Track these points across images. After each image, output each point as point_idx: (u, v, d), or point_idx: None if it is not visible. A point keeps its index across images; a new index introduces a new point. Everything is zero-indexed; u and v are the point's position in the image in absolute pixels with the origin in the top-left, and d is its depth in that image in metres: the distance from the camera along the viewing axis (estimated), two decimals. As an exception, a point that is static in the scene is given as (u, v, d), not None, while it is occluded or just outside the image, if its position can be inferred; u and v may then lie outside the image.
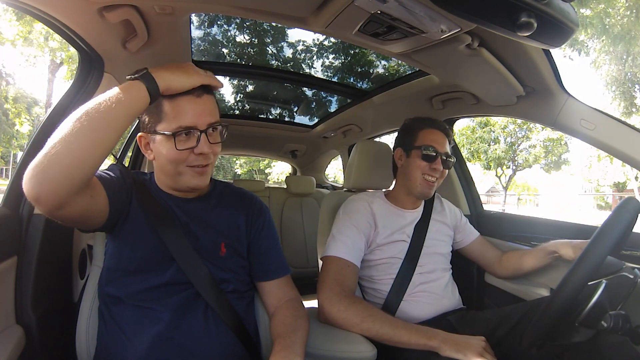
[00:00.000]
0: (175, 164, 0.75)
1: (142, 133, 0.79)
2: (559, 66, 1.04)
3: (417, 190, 1.16)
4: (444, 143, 1.16)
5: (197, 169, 0.77)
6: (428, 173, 1.13)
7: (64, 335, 0.85)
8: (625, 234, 0.73)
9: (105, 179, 0.74)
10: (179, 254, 0.76)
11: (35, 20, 1.05)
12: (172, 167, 0.76)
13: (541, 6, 0.68)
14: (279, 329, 0.78)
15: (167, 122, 0.73)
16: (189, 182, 0.78)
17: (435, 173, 1.14)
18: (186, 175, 0.77)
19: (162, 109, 0.74)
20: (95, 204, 0.69)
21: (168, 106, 0.73)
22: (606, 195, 19.05)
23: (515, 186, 22.19)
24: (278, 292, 0.89)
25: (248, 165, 20.83)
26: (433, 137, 1.16)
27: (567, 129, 1.12)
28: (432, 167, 1.13)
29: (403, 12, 0.81)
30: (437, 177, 1.15)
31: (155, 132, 0.75)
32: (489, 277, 1.38)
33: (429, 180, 1.14)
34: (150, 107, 0.72)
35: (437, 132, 1.17)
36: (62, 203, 0.59)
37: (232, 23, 1.64)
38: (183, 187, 0.80)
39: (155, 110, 0.75)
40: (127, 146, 2.25)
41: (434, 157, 1.13)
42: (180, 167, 0.76)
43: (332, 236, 1.08)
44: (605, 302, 0.68)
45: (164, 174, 0.80)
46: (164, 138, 0.74)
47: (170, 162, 0.75)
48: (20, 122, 10.85)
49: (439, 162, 1.13)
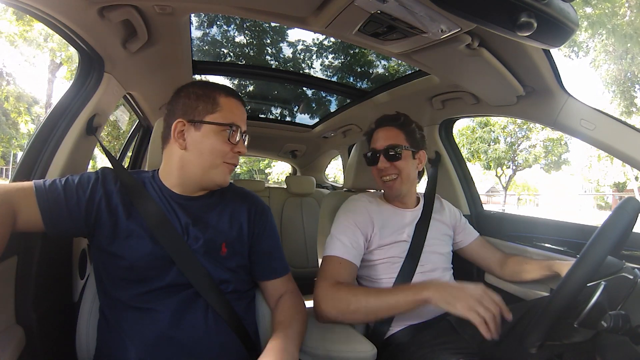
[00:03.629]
0: (215, 157, 0.78)
1: (183, 119, 0.78)
2: (559, 66, 1.04)
3: (386, 194, 1.16)
4: (388, 136, 1.13)
5: (229, 167, 0.81)
6: (381, 175, 1.14)
7: (64, 335, 0.85)
8: (625, 234, 0.73)
9: (45, 199, 0.70)
10: (178, 256, 0.75)
11: (34, 20, 1.05)
12: (210, 160, 0.78)
13: (541, 6, 0.68)
14: (278, 320, 0.80)
15: (221, 114, 0.78)
16: (219, 178, 0.81)
17: (384, 172, 1.12)
18: (219, 170, 0.80)
19: (218, 101, 0.79)
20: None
21: (225, 101, 0.79)
22: (606, 195, 19.04)
23: (515, 186, 22.20)
24: (279, 288, 0.90)
25: (248, 165, 20.83)
26: (374, 138, 1.16)
27: (567, 129, 1.12)
28: (378, 168, 1.12)
29: (403, 12, 0.81)
30: (391, 174, 1.12)
31: (203, 122, 0.77)
32: (489, 277, 1.38)
33: (385, 182, 1.13)
34: (202, 96, 0.78)
35: (380, 130, 1.16)
36: None
37: (232, 23, 1.64)
38: (209, 183, 0.82)
39: (209, 100, 0.78)
40: (127, 146, 2.25)
41: (375, 159, 1.13)
42: (218, 161, 0.79)
43: (331, 236, 1.08)
44: (604, 303, 0.68)
45: (191, 166, 0.79)
46: (213, 129, 0.77)
47: (211, 154, 0.78)
48: (25, 122, 10.87)
49: (383, 160, 1.12)
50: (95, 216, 0.74)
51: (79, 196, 0.73)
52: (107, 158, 0.95)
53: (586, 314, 0.67)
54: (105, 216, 0.75)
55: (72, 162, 0.95)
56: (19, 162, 0.91)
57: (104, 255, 0.76)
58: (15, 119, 11.63)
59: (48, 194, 0.71)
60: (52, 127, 0.94)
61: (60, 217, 0.71)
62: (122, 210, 0.76)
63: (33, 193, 0.70)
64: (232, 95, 0.83)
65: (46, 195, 0.71)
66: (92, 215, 0.74)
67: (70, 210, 0.72)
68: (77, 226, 0.73)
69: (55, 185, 0.73)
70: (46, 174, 0.89)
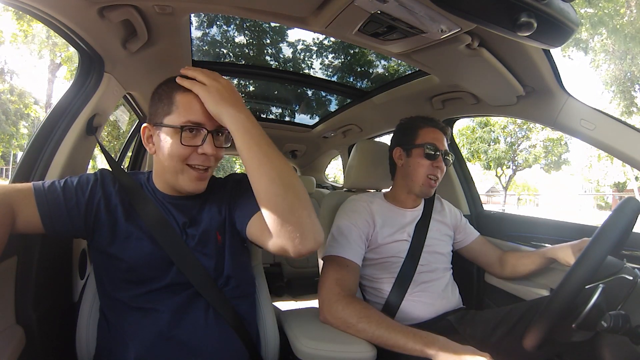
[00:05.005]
0: (177, 161, 0.73)
1: (147, 124, 0.77)
2: (559, 66, 1.04)
3: (419, 190, 1.17)
4: (443, 141, 1.17)
5: (196, 172, 0.75)
6: (431, 172, 1.14)
7: (64, 335, 0.85)
8: (625, 234, 0.73)
9: (44, 201, 0.70)
10: (177, 256, 0.75)
11: (34, 19, 1.04)
12: (173, 164, 0.74)
13: (541, 6, 0.68)
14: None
15: (177, 115, 0.72)
16: (187, 186, 0.76)
17: (438, 171, 1.15)
18: (185, 176, 0.75)
19: (174, 100, 0.73)
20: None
21: (181, 99, 0.73)
22: (606, 195, 19.05)
23: (515, 186, 22.22)
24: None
25: (248, 165, 20.78)
26: (434, 136, 1.16)
27: (567, 129, 1.12)
28: (435, 165, 1.14)
29: (403, 12, 0.81)
30: (438, 176, 1.16)
31: (161, 125, 0.74)
32: (489, 277, 1.38)
33: (431, 179, 1.15)
34: (162, 97, 0.73)
35: (437, 131, 1.18)
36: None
37: (232, 23, 1.63)
38: (180, 190, 0.79)
39: (166, 101, 0.74)
40: (127, 146, 2.25)
41: (437, 155, 1.14)
42: (181, 165, 0.74)
43: (331, 236, 1.08)
44: (602, 305, 0.68)
45: (163, 171, 0.78)
46: (169, 131, 0.73)
47: (171, 158, 0.73)
48: (35, 111, 10.89)
49: (441, 160, 1.15)
50: (94, 217, 0.74)
51: (77, 197, 0.73)
52: (106, 159, 0.95)
53: (584, 317, 0.67)
54: (104, 217, 0.75)
55: (72, 162, 0.95)
56: (19, 162, 0.91)
57: (104, 256, 0.76)
58: (23, 112, 11.63)
59: (47, 195, 0.71)
60: (52, 127, 0.94)
61: (59, 218, 0.71)
62: (121, 212, 0.76)
63: (32, 194, 0.70)
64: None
65: (45, 196, 0.70)
66: (91, 216, 0.74)
67: (70, 211, 0.72)
68: (76, 227, 0.73)
69: (54, 187, 0.73)
70: (46, 174, 0.89)
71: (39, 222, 0.69)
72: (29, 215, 0.68)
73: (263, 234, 0.72)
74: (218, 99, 0.70)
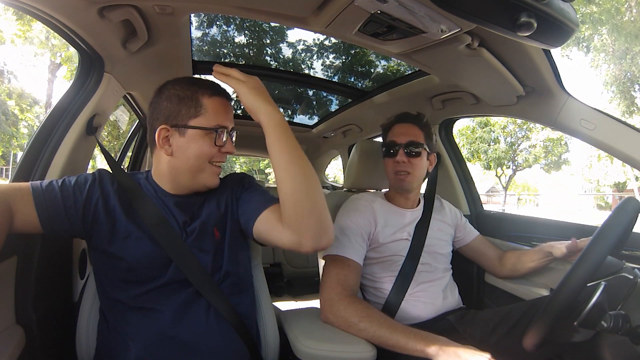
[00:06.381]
0: (202, 161, 0.78)
1: (166, 125, 0.77)
2: (559, 66, 1.04)
3: (394, 187, 1.20)
4: (409, 133, 1.16)
5: (217, 168, 0.80)
6: (396, 168, 1.15)
7: (64, 335, 0.85)
8: (625, 234, 0.73)
9: (42, 200, 0.70)
10: (175, 255, 0.75)
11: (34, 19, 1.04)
12: (198, 164, 0.78)
13: (541, 6, 0.68)
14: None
15: (206, 117, 0.76)
16: (209, 182, 0.81)
17: (402, 166, 1.14)
18: (206, 172, 0.79)
19: (201, 103, 0.77)
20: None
21: (208, 103, 0.77)
22: (606, 195, 19.05)
23: (515, 186, 22.22)
24: (274, 219, 0.77)
25: (248, 165, 20.84)
26: (395, 132, 1.18)
27: (567, 129, 1.12)
28: (395, 161, 1.15)
29: (403, 12, 0.81)
30: (406, 170, 1.15)
31: (187, 126, 0.76)
32: (489, 277, 1.38)
33: (398, 174, 1.16)
34: (184, 99, 0.76)
35: (401, 125, 1.19)
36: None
37: (232, 23, 1.64)
38: (199, 186, 0.81)
39: (191, 103, 0.76)
40: (127, 146, 2.25)
41: (394, 152, 1.15)
42: (205, 164, 0.78)
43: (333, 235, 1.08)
44: (604, 303, 0.68)
45: (178, 172, 0.79)
46: (199, 133, 0.76)
47: (197, 158, 0.77)
48: (30, 119, 10.89)
49: (402, 154, 1.14)
50: (93, 217, 0.74)
51: (75, 197, 0.73)
52: (105, 159, 0.95)
53: (586, 314, 0.67)
54: (102, 217, 0.75)
55: (72, 162, 0.95)
56: (19, 162, 0.91)
57: (103, 257, 0.76)
58: (18, 116, 11.67)
59: (45, 195, 0.71)
60: (52, 127, 0.94)
61: (57, 218, 0.71)
62: (121, 211, 0.76)
63: (30, 194, 0.70)
64: (217, 94, 0.80)
65: (43, 196, 0.70)
66: (90, 216, 0.74)
67: (67, 211, 0.72)
68: (74, 227, 0.73)
69: (52, 186, 0.73)
70: (46, 174, 0.89)
71: (37, 222, 0.69)
72: (27, 215, 0.68)
73: (274, 229, 0.76)
74: (255, 95, 0.74)
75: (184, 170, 0.79)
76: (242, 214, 0.83)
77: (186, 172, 0.79)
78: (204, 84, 0.80)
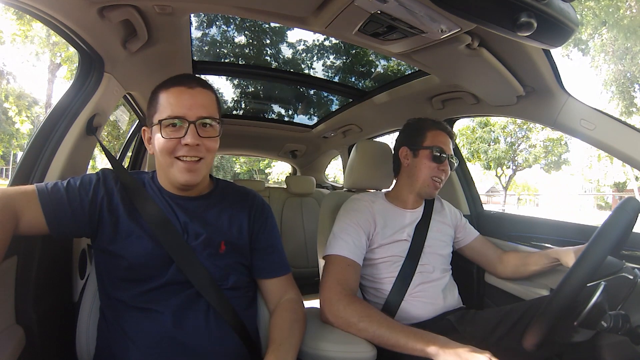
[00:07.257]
0: (165, 155, 0.76)
1: (145, 127, 0.82)
2: (559, 66, 1.04)
3: (423, 191, 1.18)
4: (449, 145, 1.20)
5: (184, 163, 0.76)
6: (436, 174, 1.16)
7: (64, 335, 0.85)
8: (625, 234, 0.73)
9: (49, 202, 0.70)
10: (177, 255, 0.76)
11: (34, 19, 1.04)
12: (164, 159, 0.77)
13: (541, 6, 0.68)
14: (275, 334, 0.78)
15: (160, 112, 0.76)
16: (178, 177, 0.77)
17: (442, 174, 1.17)
18: (174, 168, 0.77)
19: (159, 100, 0.77)
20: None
21: (163, 97, 0.77)
22: (606, 195, 19.05)
23: (515, 186, 22.21)
24: (279, 290, 0.89)
25: (248, 165, 20.83)
26: (441, 139, 1.18)
27: (567, 129, 1.12)
28: (440, 168, 1.16)
29: (403, 12, 0.81)
30: (442, 178, 1.18)
31: (152, 124, 0.78)
32: (489, 277, 1.38)
33: (436, 181, 1.17)
34: (152, 99, 0.78)
35: (444, 134, 1.19)
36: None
37: (232, 23, 1.64)
38: (175, 183, 0.80)
39: (153, 102, 0.78)
40: (127, 146, 2.25)
41: (443, 158, 1.16)
42: (170, 158, 0.76)
43: (333, 235, 1.08)
44: (604, 303, 0.68)
45: (159, 167, 0.82)
46: (156, 128, 0.76)
47: (160, 152, 0.77)
48: (21, 121, 10.86)
49: (447, 164, 1.17)
50: (98, 217, 0.75)
51: (81, 198, 0.74)
52: (107, 158, 0.95)
53: (586, 314, 0.67)
54: (106, 216, 0.75)
55: (72, 162, 0.95)
56: (19, 162, 0.91)
57: (105, 255, 0.77)
58: (13, 118, 11.67)
59: (51, 197, 0.71)
60: (52, 127, 0.94)
61: (64, 219, 0.72)
62: (123, 210, 0.77)
63: (36, 196, 0.70)
64: (175, 84, 0.76)
65: (49, 197, 0.71)
66: (95, 215, 0.75)
67: (74, 211, 0.73)
68: (80, 227, 0.74)
69: (58, 188, 0.73)
70: (46, 174, 0.89)
71: (44, 224, 0.70)
72: (34, 217, 0.69)
73: (268, 298, 0.89)
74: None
75: (160, 167, 0.81)
76: (254, 259, 0.88)
77: (162, 169, 0.81)
78: (166, 80, 0.79)
